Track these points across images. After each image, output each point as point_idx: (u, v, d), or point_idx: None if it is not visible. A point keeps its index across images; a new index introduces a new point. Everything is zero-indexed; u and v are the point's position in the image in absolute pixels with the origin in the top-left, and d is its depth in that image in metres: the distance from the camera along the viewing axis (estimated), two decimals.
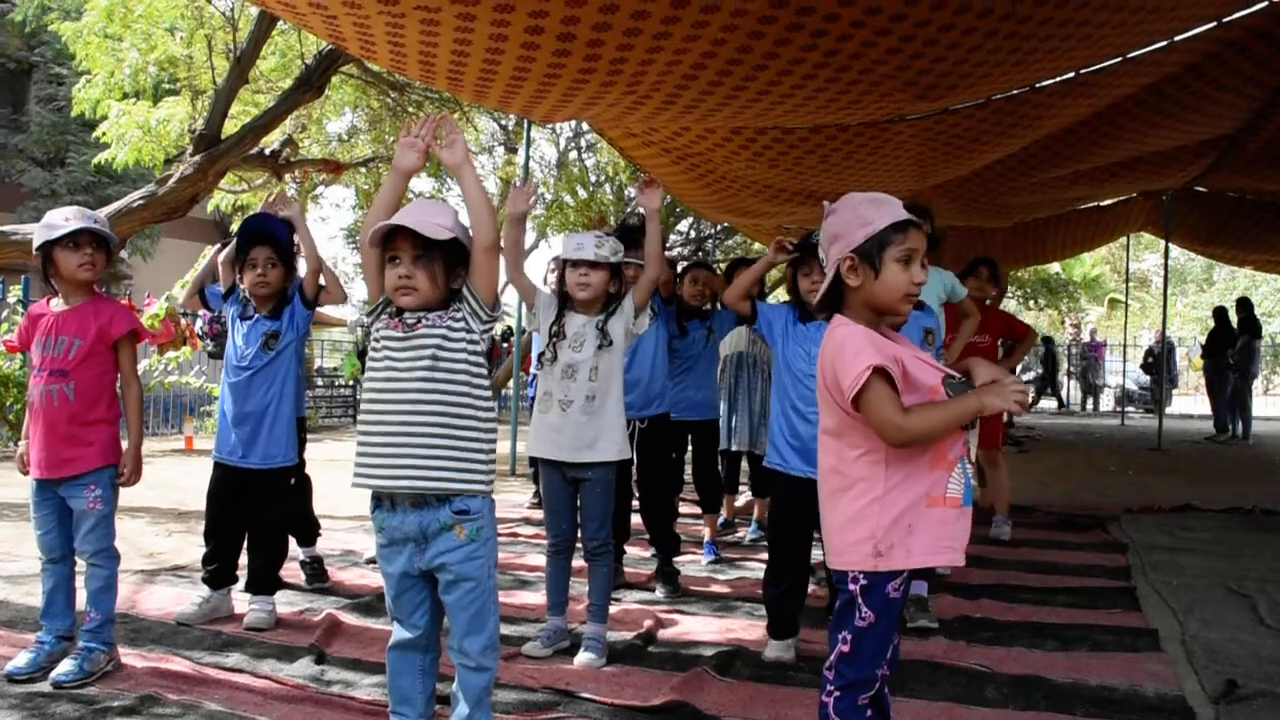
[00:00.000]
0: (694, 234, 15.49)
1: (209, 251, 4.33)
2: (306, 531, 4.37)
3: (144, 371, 9.71)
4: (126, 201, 6.70)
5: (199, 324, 10.01)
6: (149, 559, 4.73)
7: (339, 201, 20.70)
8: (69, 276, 3.10)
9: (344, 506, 5.89)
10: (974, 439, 1.96)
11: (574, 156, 15.80)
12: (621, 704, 2.88)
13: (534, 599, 4.03)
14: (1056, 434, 13.34)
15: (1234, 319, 12.83)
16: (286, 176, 8.79)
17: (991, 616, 3.92)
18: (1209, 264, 28.00)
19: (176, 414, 11.46)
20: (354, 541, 5.22)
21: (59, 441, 3.05)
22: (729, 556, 5.05)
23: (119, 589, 3.21)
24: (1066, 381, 20.56)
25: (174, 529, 5.52)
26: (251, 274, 3.66)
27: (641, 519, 4.49)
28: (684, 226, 15.43)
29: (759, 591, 4.25)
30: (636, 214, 4.33)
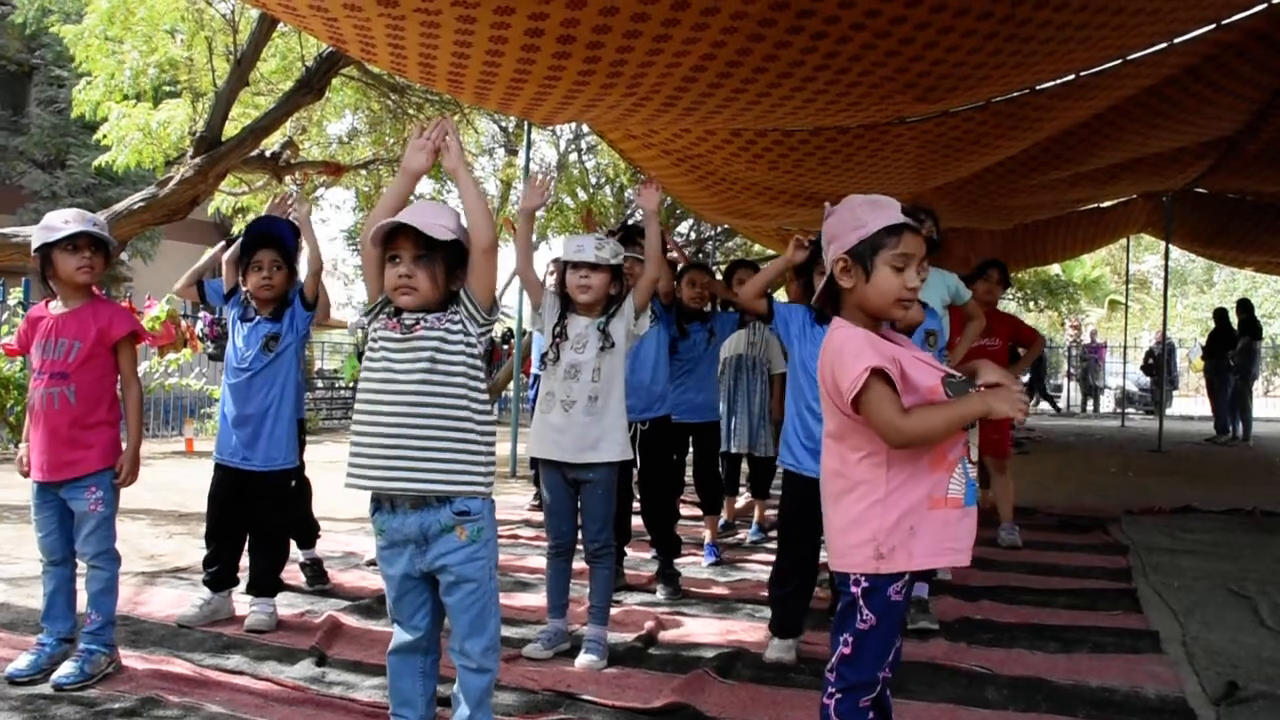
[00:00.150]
0: (694, 235, 15.49)
1: (210, 251, 4.34)
2: (306, 534, 4.37)
3: (144, 374, 9.72)
4: (127, 204, 6.71)
5: (199, 326, 10.03)
6: (150, 561, 4.73)
7: (339, 204, 20.69)
8: (67, 279, 3.10)
9: (344, 508, 5.89)
10: (974, 438, 1.96)
11: (574, 158, 15.81)
12: (622, 706, 2.88)
13: (535, 601, 4.03)
14: (1057, 436, 13.34)
15: (1234, 320, 12.84)
16: (287, 178, 8.79)
17: (992, 618, 3.92)
18: (1209, 265, 28.01)
19: (177, 416, 11.47)
20: (354, 543, 5.22)
21: (60, 444, 3.05)
22: (730, 558, 5.05)
23: (120, 591, 3.21)
24: (1067, 383, 20.53)
25: (175, 531, 5.52)
26: (257, 276, 3.66)
27: (642, 521, 4.49)
28: (684, 228, 15.42)
29: (760, 593, 4.26)
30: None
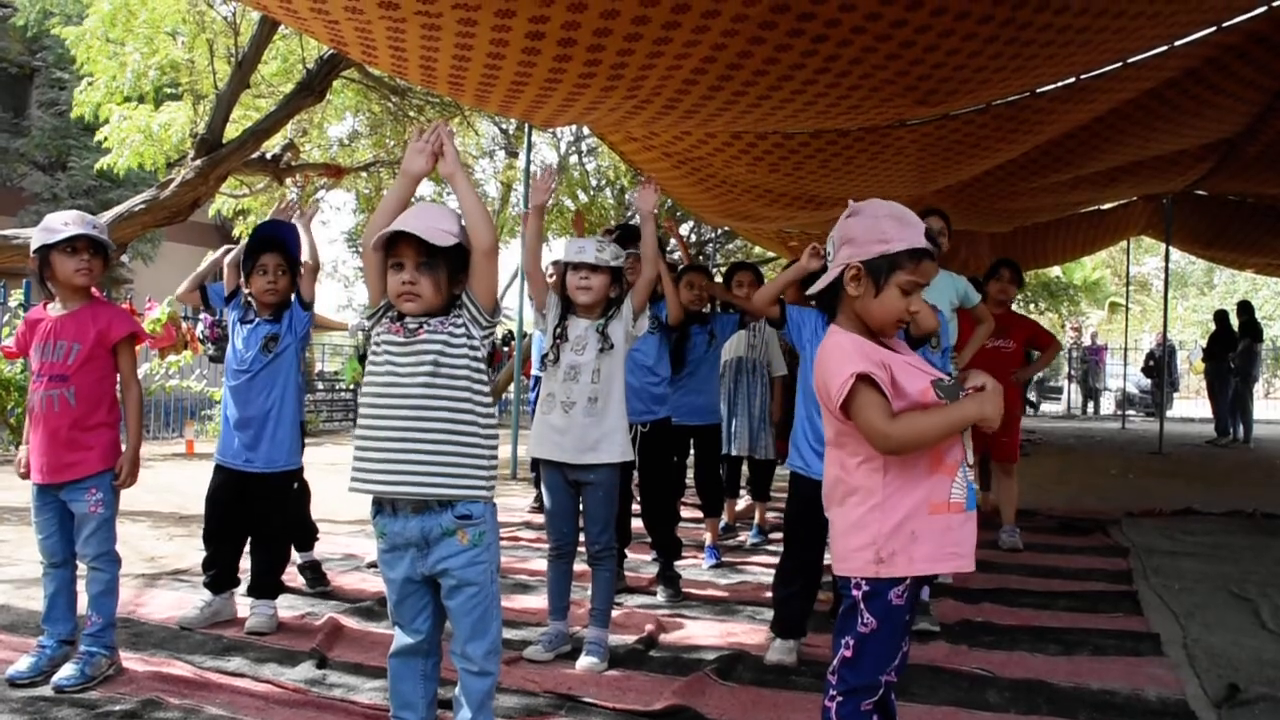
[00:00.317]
0: (695, 237, 15.50)
1: (212, 254, 4.35)
2: (304, 536, 4.38)
3: (145, 375, 9.72)
4: (128, 206, 6.72)
5: (200, 328, 10.02)
6: (150, 563, 4.73)
7: (339, 205, 20.73)
8: (65, 281, 3.10)
9: (344, 510, 5.89)
10: (968, 440, 1.96)
11: (575, 161, 15.82)
12: (623, 708, 2.88)
13: (535, 603, 4.03)
14: (1057, 438, 13.34)
15: (1235, 322, 12.84)
16: (288, 181, 8.80)
17: (993, 620, 3.92)
18: (1210, 267, 28.01)
19: (177, 418, 11.46)
20: (355, 545, 5.22)
21: (60, 446, 3.05)
22: (730, 560, 5.05)
23: (120, 593, 3.21)
24: (1067, 385, 20.50)
25: (175, 533, 5.52)
26: (262, 279, 3.68)
27: (643, 523, 4.49)
28: (685, 230, 15.43)
29: (761, 595, 4.27)
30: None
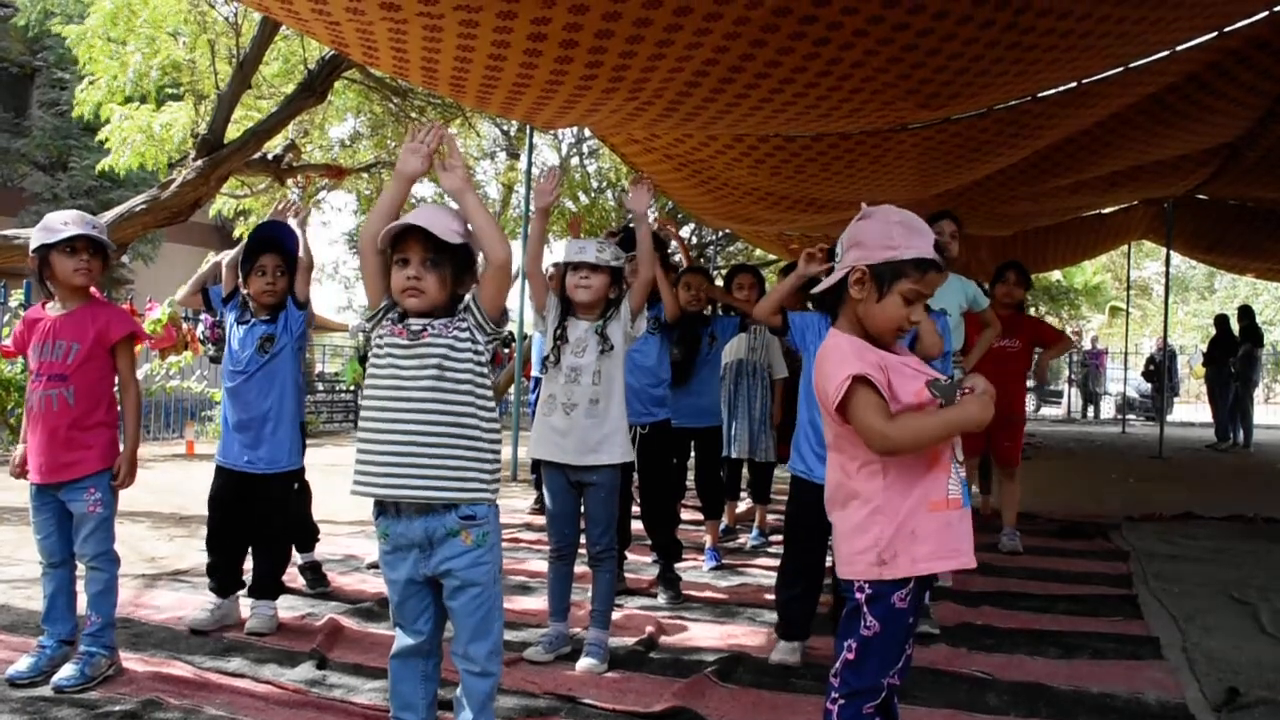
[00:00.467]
0: (696, 240, 15.51)
1: (212, 256, 4.36)
2: (305, 537, 4.37)
3: (145, 376, 9.72)
4: (129, 206, 6.73)
5: (200, 328, 10.02)
6: (150, 564, 4.73)
7: (340, 207, 20.77)
8: (64, 281, 3.10)
9: (345, 512, 5.89)
10: (958, 439, 1.98)
11: (576, 162, 15.83)
12: (623, 710, 2.88)
13: (536, 604, 4.02)
14: (1057, 442, 13.34)
15: (1235, 327, 12.84)
16: (289, 181, 8.80)
17: (993, 624, 3.92)
18: (1210, 272, 28.01)
19: (178, 419, 11.46)
20: (355, 546, 5.22)
21: (59, 446, 3.05)
22: (731, 563, 5.05)
23: (120, 593, 3.21)
24: (1067, 389, 20.52)
25: (175, 534, 5.52)
26: (260, 281, 3.68)
27: (643, 525, 4.49)
28: (686, 232, 15.44)
29: (761, 597, 4.27)
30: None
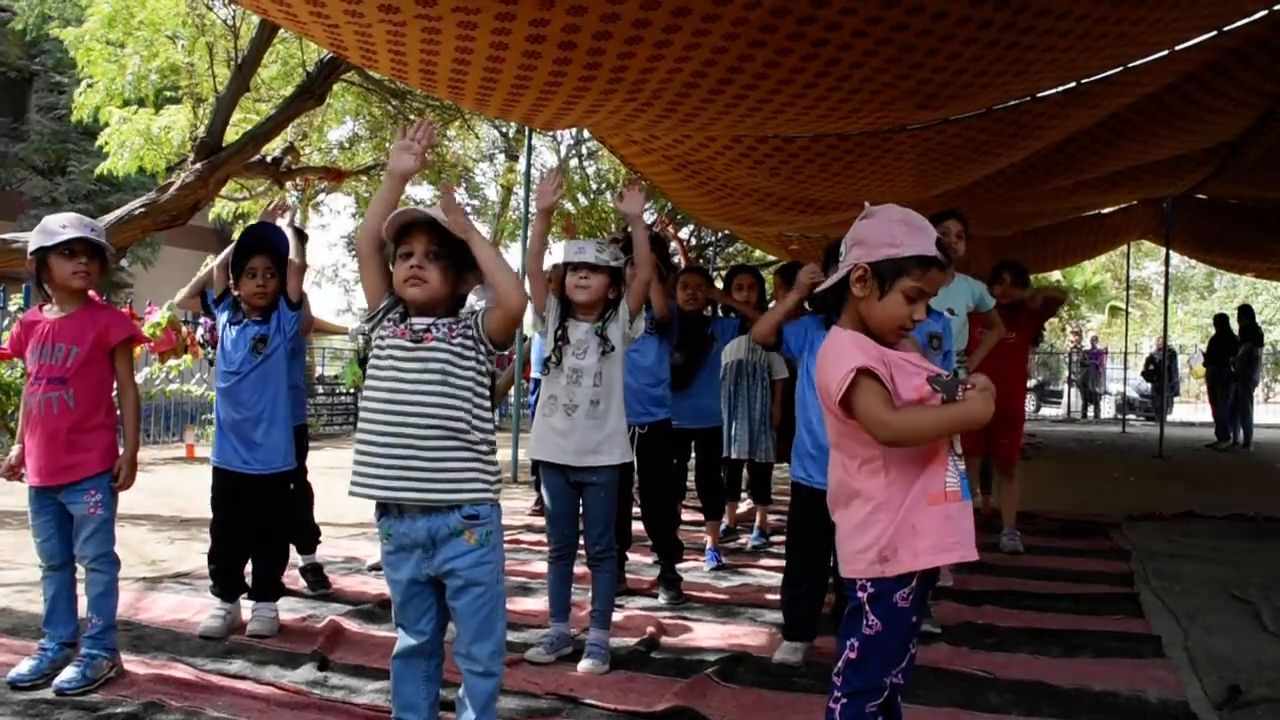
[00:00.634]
0: (695, 241, 15.52)
1: (211, 260, 4.36)
2: (306, 539, 4.37)
3: (145, 379, 9.72)
4: (127, 209, 6.72)
5: (200, 332, 10.03)
6: (151, 566, 4.73)
7: (339, 209, 20.81)
8: (62, 284, 3.09)
9: (346, 513, 5.88)
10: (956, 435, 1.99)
11: (575, 164, 15.83)
12: (625, 710, 2.88)
13: (537, 605, 4.02)
14: (1058, 441, 13.35)
15: (1235, 327, 12.85)
16: (288, 184, 8.81)
17: (994, 622, 3.92)
18: (1210, 271, 28.02)
19: (178, 422, 11.46)
20: (356, 548, 5.22)
21: (59, 449, 3.04)
22: (731, 563, 5.05)
23: (120, 596, 3.21)
24: (1067, 389, 20.51)
25: (176, 536, 5.52)
26: (251, 283, 3.67)
27: (644, 525, 4.49)
28: (685, 233, 15.44)
29: (762, 598, 4.27)
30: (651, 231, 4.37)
